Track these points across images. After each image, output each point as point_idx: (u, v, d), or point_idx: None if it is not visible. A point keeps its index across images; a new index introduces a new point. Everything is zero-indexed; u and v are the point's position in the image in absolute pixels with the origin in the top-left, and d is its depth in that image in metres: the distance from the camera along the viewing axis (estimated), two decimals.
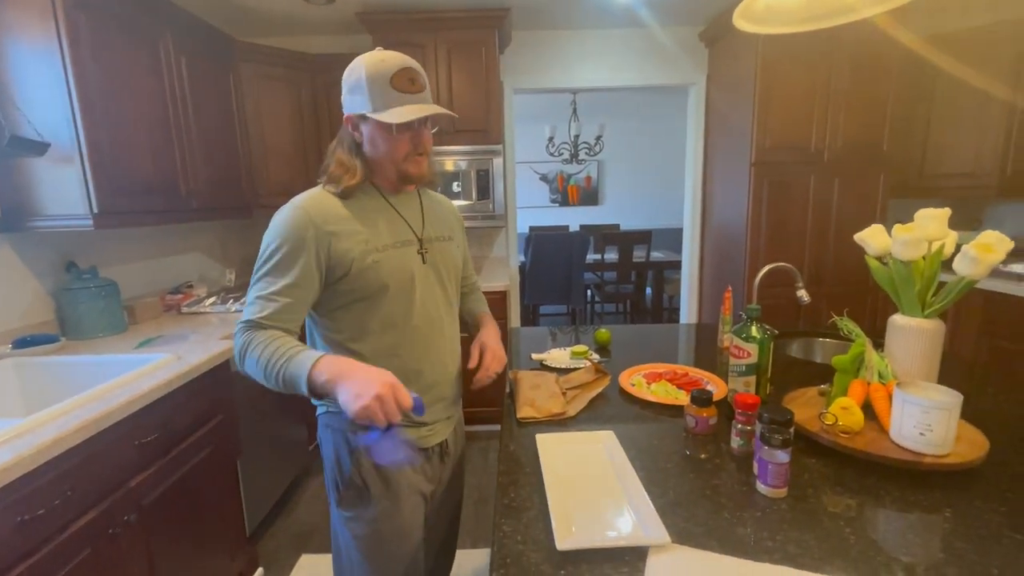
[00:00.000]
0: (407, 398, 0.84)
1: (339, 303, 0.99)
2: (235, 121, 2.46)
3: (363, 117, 0.96)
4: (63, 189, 1.60)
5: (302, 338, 1.01)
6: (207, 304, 2.22)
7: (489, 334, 1.18)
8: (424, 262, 1.04)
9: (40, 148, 1.52)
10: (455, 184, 2.78)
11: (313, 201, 0.97)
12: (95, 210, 1.60)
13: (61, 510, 1.06)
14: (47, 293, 1.78)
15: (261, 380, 0.91)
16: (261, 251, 0.95)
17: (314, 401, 1.04)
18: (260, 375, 0.90)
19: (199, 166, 2.13)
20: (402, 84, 0.94)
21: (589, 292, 5.17)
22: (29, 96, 1.54)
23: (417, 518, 1.06)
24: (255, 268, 0.96)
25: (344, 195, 0.98)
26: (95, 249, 1.98)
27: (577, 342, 1.65)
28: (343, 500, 1.03)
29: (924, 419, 0.83)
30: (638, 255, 4.69)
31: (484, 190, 2.79)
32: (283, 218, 0.95)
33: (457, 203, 2.81)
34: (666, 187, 6.26)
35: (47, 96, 1.54)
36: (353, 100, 0.96)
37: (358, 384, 0.81)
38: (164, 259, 2.41)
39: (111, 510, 1.19)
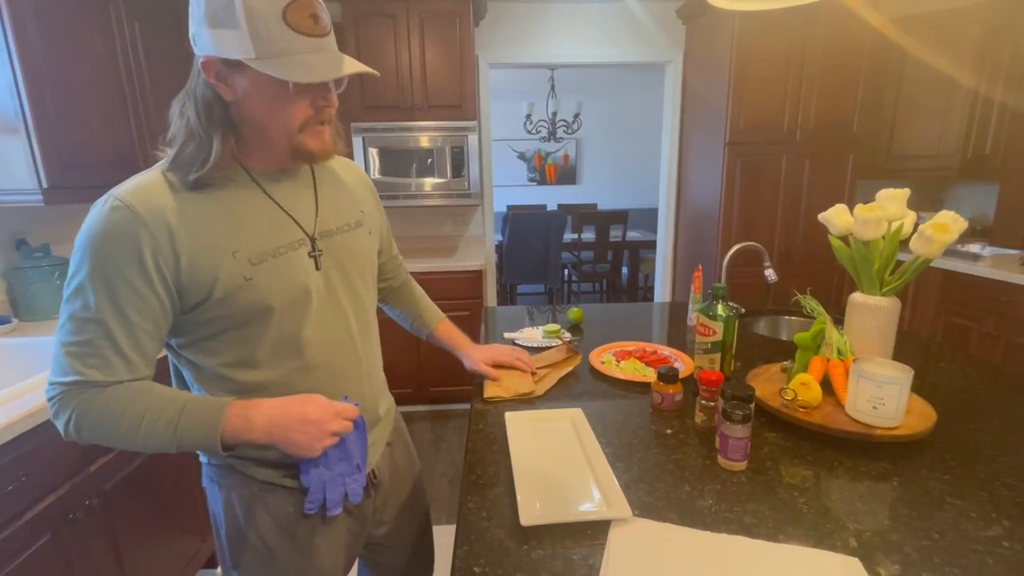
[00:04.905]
0: (349, 409, 0.76)
1: (205, 333, 0.72)
2: None
3: (236, 64, 0.66)
4: (9, 162, 1.50)
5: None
6: None
7: (478, 347, 1.13)
8: (318, 268, 0.78)
9: None
10: (428, 160, 2.73)
11: (144, 193, 0.67)
12: (44, 184, 1.52)
13: (15, 496, 1.03)
14: None
15: (129, 448, 0.69)
16: (70, 273, 0.66)
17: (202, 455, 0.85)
18: (126, 443, 0.68)
19: (159, 139, 2.03)
20: (301, 22, 0.65)
21: (566, 271, 5.19)
22: None
23: (339, 560, 0.88)
24: (65, 297, 0.66)
25: (197, 185, 0.69)
26: (47, 226, 1.89)
27: (554, 321, 1.66)
28: (242, 565, 0.83)
29: (877, 393, 0.86)
30: (615, 235, 4.72)
31: (459, 167, 2.74)
32: (97, 222, 0.65)
33: (431, 180, 2.75)
34: (643, 166, 6.27)
35: None
36: (219, 35, 0.65)
37: (301, 433, 0.70)
38: None
39: (71, 495, 1.16)
